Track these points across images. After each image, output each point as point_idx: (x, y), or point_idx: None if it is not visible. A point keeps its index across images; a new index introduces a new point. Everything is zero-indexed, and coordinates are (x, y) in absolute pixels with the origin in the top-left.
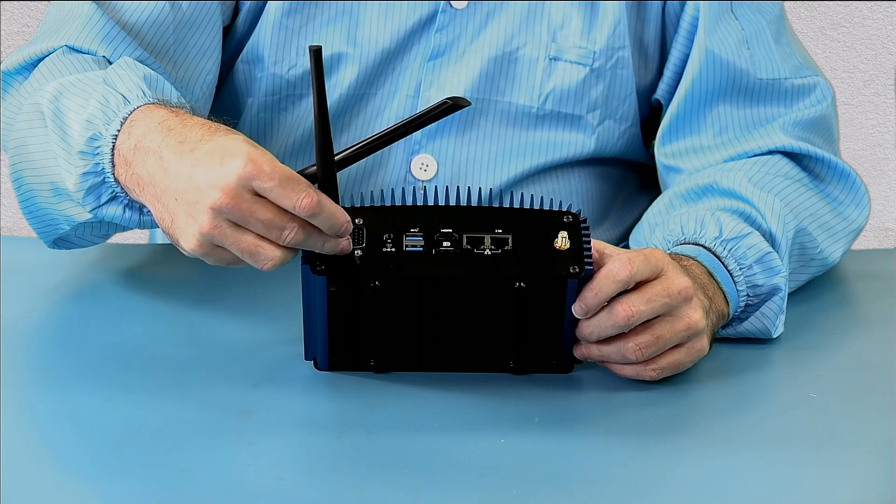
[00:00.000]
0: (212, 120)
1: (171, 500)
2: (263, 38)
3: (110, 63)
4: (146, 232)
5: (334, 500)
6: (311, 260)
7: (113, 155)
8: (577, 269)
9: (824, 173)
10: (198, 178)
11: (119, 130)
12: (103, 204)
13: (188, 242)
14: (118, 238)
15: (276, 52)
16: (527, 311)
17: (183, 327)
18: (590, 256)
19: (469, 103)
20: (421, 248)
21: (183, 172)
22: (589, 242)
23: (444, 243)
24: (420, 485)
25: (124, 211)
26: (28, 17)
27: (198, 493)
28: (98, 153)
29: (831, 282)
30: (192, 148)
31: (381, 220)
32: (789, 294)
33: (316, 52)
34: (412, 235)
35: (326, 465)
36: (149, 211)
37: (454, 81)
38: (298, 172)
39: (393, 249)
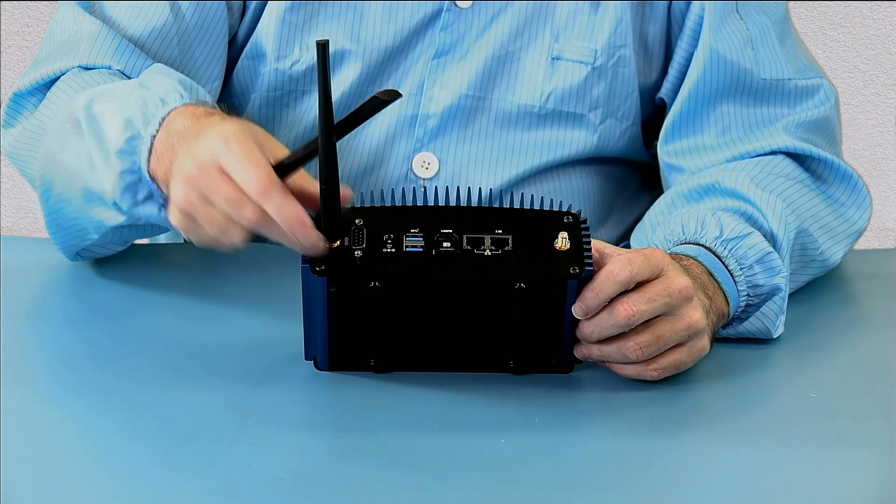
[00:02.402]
0: (249, 119)
1: (171, 500)
2: (266, 33)
3: (125, 76)
4: None
5: (334, 500)
6: (312, 260)
7: (150, 154)
8: (578, 270)
9: (826, 174)
10: (183, 154)
11: (157, 130)
12: (140, 203)
13: (172, 215)
14: None
15: (279, 48)
16: (527, 312)
17: (183, 327)
18: (590, 257)
19: (399, 95)
20: (421, 249)
21: (180, 154)
22: (589, 243)
23: (445, 244)
24: (420, 485)
25: (160, 210)
26: (28, 17)
27: (198, 493)
28: (136, 152)
29: (831, 282)
30: (199, 133)
31: (381, 220)
32: (789, 294)
33: (323, 47)
34: (412, 236)
35: (326, 465)
36: None
37: (457, 80)
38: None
39: (393, 250)
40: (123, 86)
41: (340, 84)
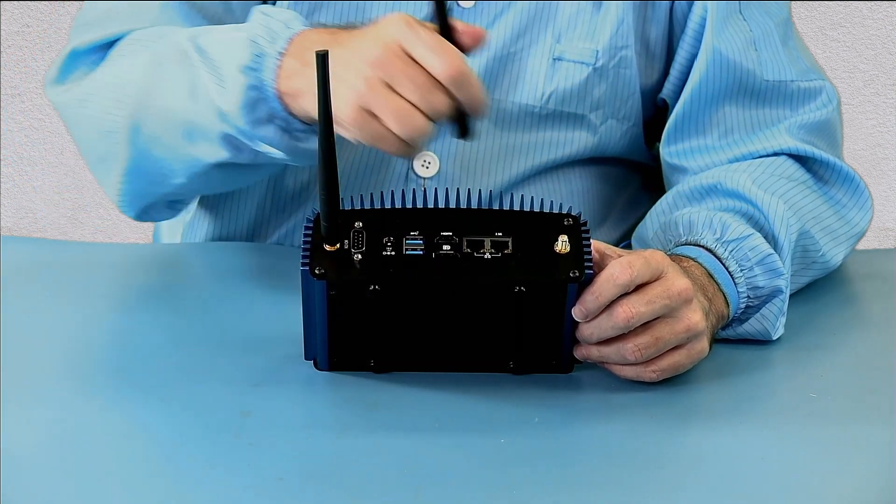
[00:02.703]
0: None
1: (172, 501)
2: None
3: None
4: (147, 232)
5: (334, 500)
6: (311, 263)
7: (278, 70)
8: (578, 273)
9: (828, 176)
10: (355, 44)
11: (285, 49)
12: (259, 123)
13: (344, 111)
14: (118, 238)
15: None
16: (527, 315)
17: (183, 327)
18: (590, 260)
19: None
20: (421, 252)
21: (341, 50)
22: (589, 246)
23: (444, 246)
24: (420, 485)
25: (279, 134)
26: (28, 17)
27: (198, 493)
28: (261, 69)
29: (831, 282)
30: (351, 35)
31: (380, 223)
32: (789, 295)
33: (322, 58)
34: (412, 238)
35: (326, 465)
36: (304, 136)
37: None
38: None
39: (393, 253)
40: (230, 26)
41: None
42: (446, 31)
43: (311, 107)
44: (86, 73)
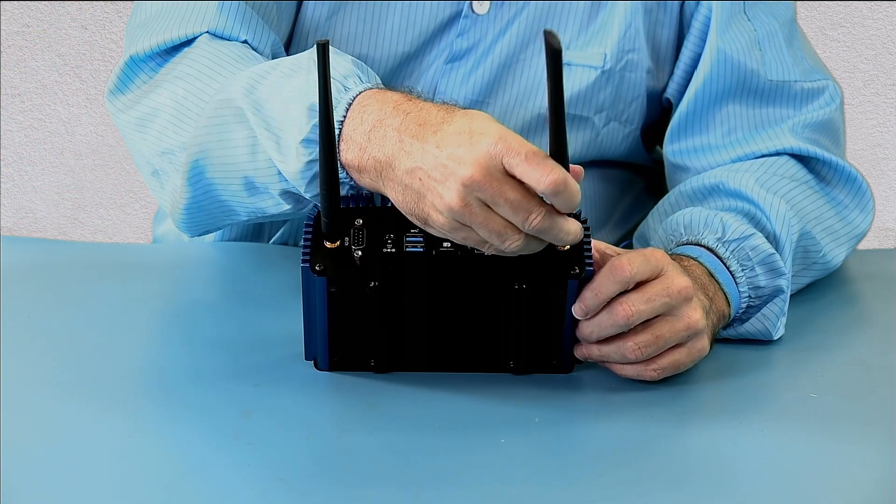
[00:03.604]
0: (442, 102)
1: (172, 500)
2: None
3: (252, 48)
4: (147, 232)
5: (334, 500)
6: (312, 261)
7: (339, 140)
8: (578, 271)
9: (831, 176)
10: (446, 156)
11: (345, 116)
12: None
13: (437, 220)
14: (118, 238)
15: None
16: (527, 312)
17: (183, 327)
18: (590, 258)
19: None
20: (421, 249)
21: (429, 153)
22: (590, 244)
23: (445, 244)
24: (420, 485)
25: (346, 193)
26: (28, 17)
27: (198, 493)
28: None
29: (832, 282)
30: (436, 129)
31: (381, 220)
32: (790, 296)
33: (323, 47)
34: (412, 236)
35: (326, 465)
36: (369, 192)
37: (468, 84)
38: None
39: (393, 250)
40: (287, 69)
41: None
42: (558, 88)
43: (373, 184)
44: (145, 82)
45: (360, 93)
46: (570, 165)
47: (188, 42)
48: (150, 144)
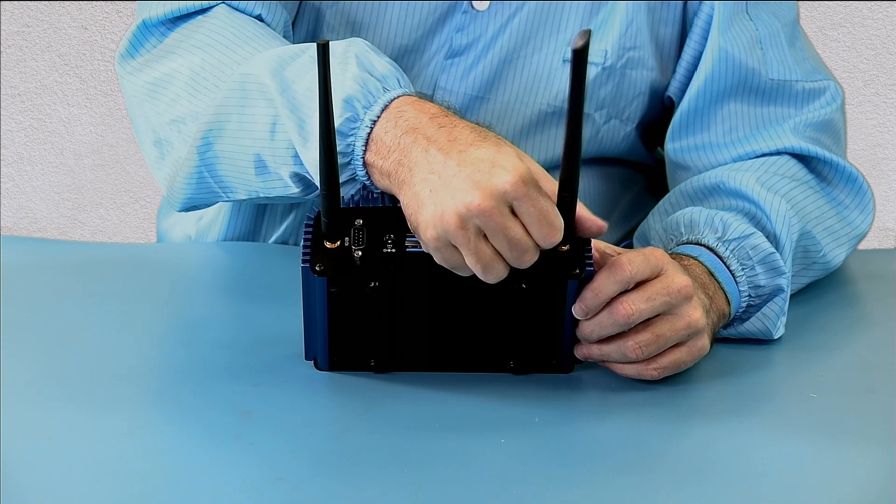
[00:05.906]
0: (477, 123)
1: (172, 501)
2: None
3: (265, 22)
4: (147, 233)
5: (334, 499)
6: (312, 261)
7: (368, 139)
8: (578, 271)
9: (832, 176)
10: (461, 178)
11: (378, 117)
12: (341, 184)
13: (427, 233)
14: (118, 238)
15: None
16: (527, 312)
17: (183, 327)
18: (590, 257)
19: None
20: (421, 249)
21: (448, 169)
22: (590, 243)
23: None
24: (420, 485)
25: (355, 190)
26: (28, 17)
27: (198, 493)
28: (353, 134)
29: (832, 282)
30: (462, 150)
31: (381, 220)
32: (790, 295)
33: (323, 47)
34: (413, 236)
35: (326, 465)
36: (378, 195)
37: (468, 80)
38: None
39: (393, 250)
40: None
41: None
42: (578, 106)
43: (389, 187)
44: (156, 46)
45: (397, 96)
46: (594, 219)
47: (203, 10)
48: (161, 111)
